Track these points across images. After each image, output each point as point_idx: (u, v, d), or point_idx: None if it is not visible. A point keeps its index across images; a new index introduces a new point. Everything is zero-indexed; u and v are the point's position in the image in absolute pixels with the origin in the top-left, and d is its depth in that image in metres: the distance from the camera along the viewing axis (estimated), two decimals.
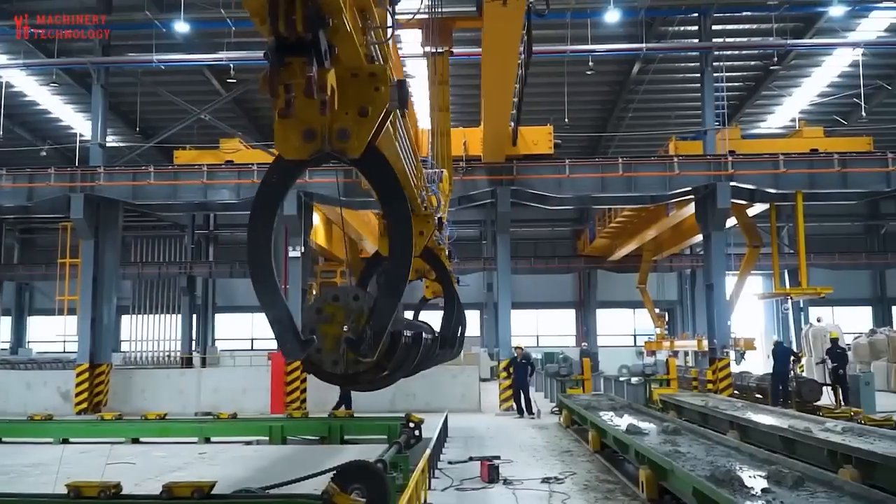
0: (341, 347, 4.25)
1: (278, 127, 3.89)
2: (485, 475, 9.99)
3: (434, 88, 15.12)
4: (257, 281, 4.10)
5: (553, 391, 22.13)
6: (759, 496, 6.24)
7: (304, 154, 3.93)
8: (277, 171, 4.14)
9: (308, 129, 3.84)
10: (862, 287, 39.42)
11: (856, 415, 12.66)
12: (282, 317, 4.11)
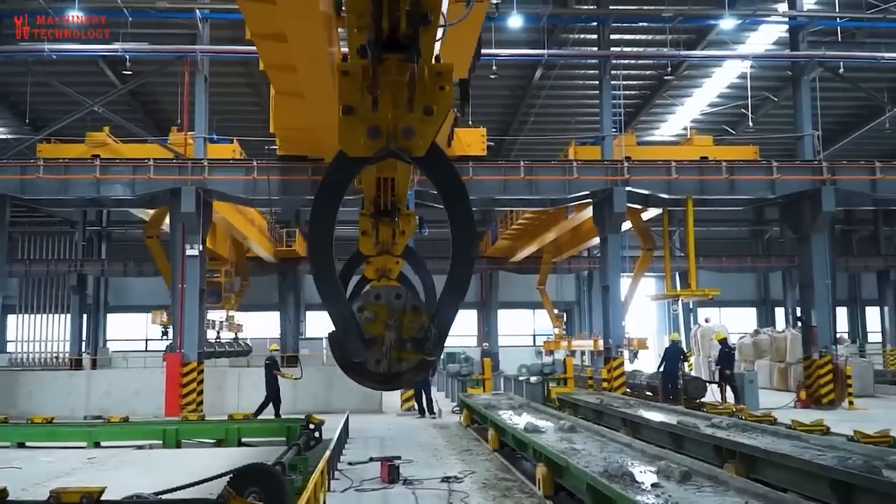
0: (385, 346, 4.20)
1: (343, 124, 3.80)
2: (385, 475, 9.99)
3: None
4: (320, 279, 4.04)
5: (454, 391, 22.31)
6: (649, 490, 6.47)
7: (369, 152, 3.85)
8: (339, 169, 4.03)
9: (373, 126, 3.76)
10: (747, 289, 41.43)
11: (738, 411, 13.29)
12: (345, 316, 4.06)
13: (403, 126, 3.80)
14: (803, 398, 20.54)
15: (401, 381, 4.39)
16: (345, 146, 3.85)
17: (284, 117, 18.09)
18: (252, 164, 20.72)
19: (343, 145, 3.85)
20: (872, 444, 9.00)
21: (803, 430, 10.38)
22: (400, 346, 4.19)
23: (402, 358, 4.24)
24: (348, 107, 3.69)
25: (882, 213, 39.16)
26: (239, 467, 7.06)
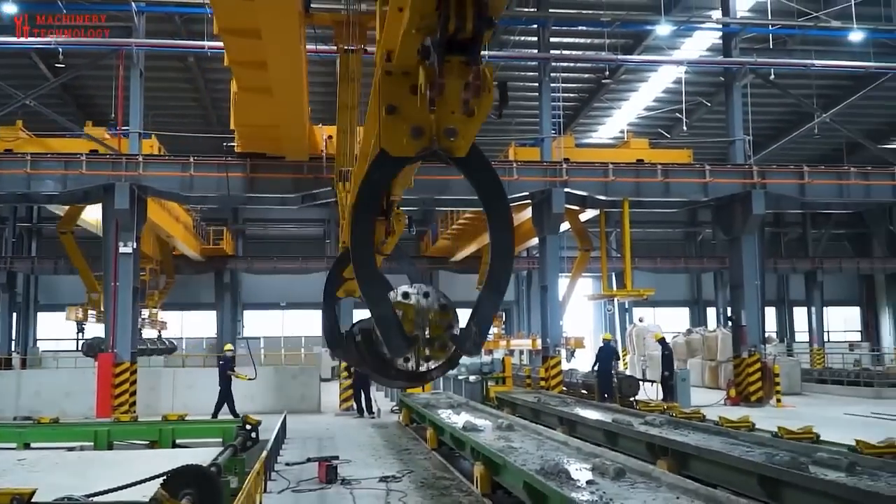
0: (415, 345, 4.18)
1: (386, 124, 3.76)
2: (322, 476, 9.94)
3: (343, 85, 14.76)
4: (362, 278, 3.98)
5: (393, 390, 22.27)
6: (584, 487, 6.56)
7: (411, 151, 3.83)
8: (381, 168, 3.97)
9: (416, 126, 3.76)
10: (680, 289, 42.39)
11: (669, 409, 13.60)
12: (388, 314, 3.99)
13: (447, 127, 3.80)
14: (733, 396, 21.11)
15: (428, 378, 4.43)
16: (387, 145, 3.83)
17: (247, 114, 17.88)
18: (189, 161, 20.33)
19: (386, 145, 3.82)
20: (796, 440, 9.30)
21: (730, 427, 10.66)
22: (428, 344, 4.20)
23: (431, 356, 4.25)
24: (392, 106, 3.71)
25: (810, 216, 40.54)
26: (173, 469, 6.93)
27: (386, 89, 3.79)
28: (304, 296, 39.35)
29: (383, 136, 3.81)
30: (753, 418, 11.09)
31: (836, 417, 17.24)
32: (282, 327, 39.89)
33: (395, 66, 3.79)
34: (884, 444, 8.43)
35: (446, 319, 4.38)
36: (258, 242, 40.23)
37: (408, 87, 3.77)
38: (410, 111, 3.75)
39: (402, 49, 3.73)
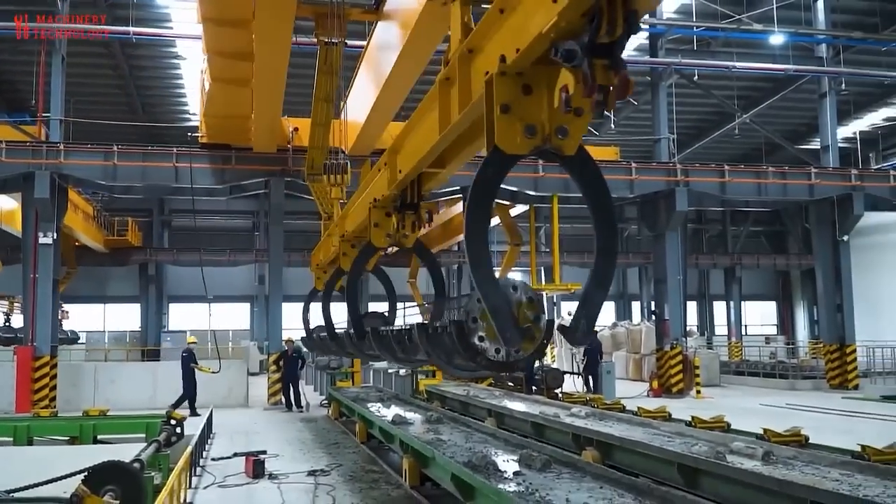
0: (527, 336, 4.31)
1: (500, 122, 3.83)
2: (250, 471, 9.84)
3: (321, 78, 14.74)
4: (477, 271, 4.02)
5: (323, 384, 22.16)
6: (511, 479, 6.67)
7: (525, 149, 3.91)
8: (494, 165, 4.00)
9: (530, 125, 3.83)
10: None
11: (591, 400, 13.93)
12: (501, 306, 4.05)
13: (558, 125, 3.90)
14: (655, 387, 21.70)
15: (516, 367, 4.59)
16: (502, 143, 3.88)
17: (219, 105, 17.70)
18: (112, 150, 19.78)
19: (500, 142, 3.87)
20: (708, 429, 9.64)
21: (647, 416, 10.98)
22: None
23: (521, 348, 4.37)
24: (506, 106, 3.78)
25: (730, 214, 41.85)
26: (94, 465, 6.78)
27: (500, 89, 3.86)
28: (232, 288, 38.75)
29: (498, 135, 3.88)
30: (675, 409, 11.45)
31: (753, 408, 17.90)
32: (209, 320, 39.16)
33: (509, 67, 3.88)
34: (789, 432, 8.85)
35: (533, 311, 4.51)
36: (185, 234, 39.35)
37: (520, 87, 3.87)
38: (523, 110, 3.86)
39: (529, 52, 3.78)
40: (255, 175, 20.99)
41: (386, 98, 16.00)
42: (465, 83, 4.66)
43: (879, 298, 35.11)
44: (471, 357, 4.51)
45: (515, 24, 3.91)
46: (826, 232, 24.85)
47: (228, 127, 19.20)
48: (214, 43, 14.39)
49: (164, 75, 29.47)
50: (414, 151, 6.13)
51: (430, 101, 5.49)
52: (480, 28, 4.45)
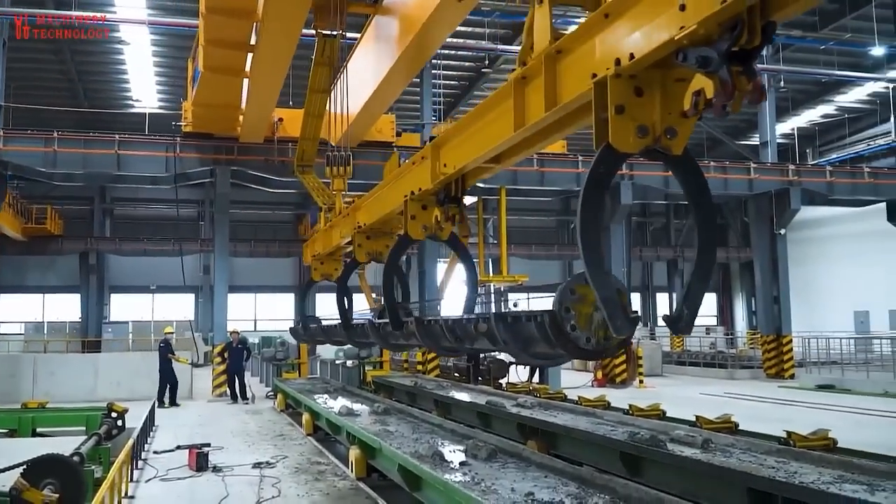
0: (593, 324, 4.58)
1: (614, 122, 4.00)
2: (193, 463, 9.73)
3: (316, 69, 14.76)
4: (591, 263, 4.20)
5: (269, 376, 21.98)
6: (458, 469, 6.73)
7: (636, 148, 4.07)
8: (606, 162, 4.17)
9: (642, 125, 4.02)
10: (553, 275, 43.63)
11: (534, 389, 14.13)
12: (613, 296, 4.23)
13: (667, 126, 4.09)
14: (600, 378, 22.05)
15: (605, 354, 4.80)
16: (616, 142, 4.04)
17: (210, 94, 17.51)
18: (53, 136, 19.26)
19: (614, 141, 4.04)
20: (645, 417, 9.93)
21: (588, 405, 11.24)
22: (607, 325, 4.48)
23: (608, 336, 4.58)
24: (620, 106, 3.98)
25: (673, 207, 42.63)
26: (33, 458, 6.64)
27: (615, 91, 4.03)
28: (177, 279, 38.08)
29: (612, 134, 4.04)
30: (618, 399, 11.66)
31: (694, 397, 18.33)
32: (152, 311, 38.45)
33: (624, 70, 4.02)
34: (720, 419, 9.17)
35: (622, 301, 4.64)
36: (127, 223, 38.50)
37: (633, 89, 4.04)
38: (635, 111, 4.03)
39: (649, 56, 3.92)
40: (203, 163, 20.69)
41: (382, 92, 16.10)
42: (550, 83, 4.78)
43: (815, 291, 36.23)
44: (563, 345, 4.70)
45: (629, 29, 4.06)
46: (764, 226, 25.52)
47: (215, 116, 19.13)
48: (213, 32, 14.35)
49: (107, 60, 28.76)
50: (471, 148, 6.23)
51: (498, 99, 5.63)
52: (578, 31, 4.56)
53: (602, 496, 5.58)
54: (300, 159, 18.26)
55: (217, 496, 8.28)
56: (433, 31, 12.67)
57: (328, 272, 13.82)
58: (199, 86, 17.01)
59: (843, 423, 13.47)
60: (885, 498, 5.49)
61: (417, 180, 7.51)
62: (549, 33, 4.89)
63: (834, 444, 7.65)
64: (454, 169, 6.64)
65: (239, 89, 17.14)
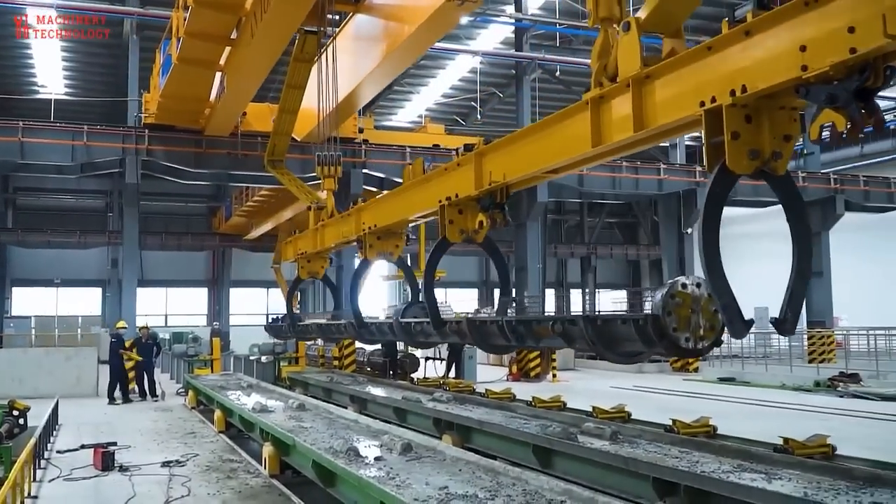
0: (691, 326, 5.06)
1: (731, 147, 4.44)
2: (98, 463, 9.44)
3: (296, 66, 14.82)
4: (712, 273, 4.65)
5: (180, 372, 21.47)
6: (372, 464, 6.75)
7: (749, 170, 4.54)
8: (721, 184, 4.64)
9: (753, 149, 4.47)
10: (471, 271, 44.11)
11: (444, 383, 14.29)
12: (731, 302, 4.63)
13: (773, 150, 4.54)
14: (514, 372, 22.38)
15: (701, 353, 5.27)
16: (732, 165, 4.50)
17: (181, 86, 17.25)
18: None
19: (731, 165, 4.50)
20: (547, 408, 10.24)
21: (494, 398, 11.51)
22: (701, 325, 5.11)
23: (703, 335, 5.12)
24: (736, 133, 4.43)
25: (587, 206, 43.53)
26: None
27: (730, 119, 4.46)
28: (83, 272, 36.80)
29: (729, 158, 4.49)
30: (532, 392, 11.84)
31: (604, 390, 18.82)
32: (56, 305, 36.99)
33: (739, 100, 4.41)
34: (614, 409, 9.60)
35: (713, 304, 5.11)
36: (31, 213, 36.88)
37: (743, 117, 4.47)
38: (747, 137, 4.48)
39: (768, 89, 4.32)
40: (111, 153, 20.05)
41: (361, 90, 16.22)
42: (638, 105, 5.17)
43: None
44: (665, 346, 5.17)
45: (739, 62, 4.47)
46: (672, 225, 26.38)
47: (182, 109, 18.86)
48: (197, 25, 14.22)
49: (11, 44, 27.46)
50: (531, 159, 6.68)
51: (564, 116, 6.16)
52: (675, 61, 4.97)
53: (514, 488, 5.69)
54: (271, 154, 18.33)
55: (124, 496, 8.06)
56: (429, 33, 12.94)
57: (315, 270, 14.07)
58: (169, 77, 16.83)
59: (737, 413, 14.10)
60: (780, 486, 5.78)
61: (454, 186, 7.96)
62: (638, 59, 5.20)
63: (714, 431, 8.12)
64: (504, 178, 7.04)
65: (210, 82, 17.06)
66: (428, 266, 8.79)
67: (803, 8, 4.03)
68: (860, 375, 18.80)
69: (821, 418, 13.71)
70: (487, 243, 8.34)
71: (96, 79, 30.68)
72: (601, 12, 5.76)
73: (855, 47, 3.74)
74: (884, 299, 27.47)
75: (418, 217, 9.54)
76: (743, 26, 4.44)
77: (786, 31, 4.16)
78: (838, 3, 3.86)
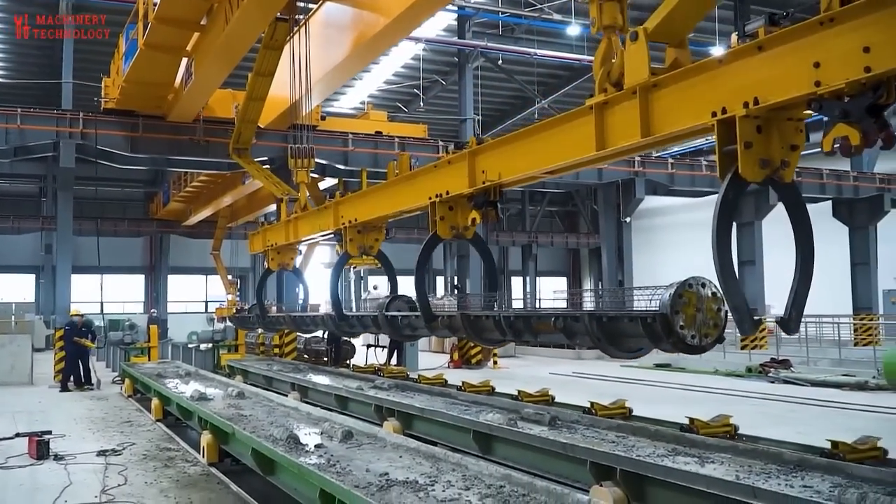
0: (697, 324, 5.34)
1: (743, 155, 4.67)
2: (33, 451, 9.25)
3: (265, 53, 14.66)
4: (724, 274, 4.92)
5: (116, 360, 21.05)
6: (312, 451, 6.76)
7: (760, 178, 4.77)
8: (733, 190, 4.86)
9: (763, 158, 4.72)
10: (411, 259, 43.95)
11: (379, 369, 14.42)
12: (741, 303, 4.95)
13: (782, 158, 4.80)
14: (456, 359, 22.54)
15: (703, 349, 5.50)
16: (744, 173, 4.73)
17: (146, 71, 16.88)
18: None
19: (743, 172, 4.73)
20: (475, 393, 10.58)
21: (426, 383, 11.83)
22: (705, 323, 5.39)
23: (707, 332, 5.40)
24: (748, 143, 4.67)
25: (528, 194, 43.94)
26: None
27: (743, 129, 4.68)
28: (15, 258, 35.70)
29: (742, 166, 4.72)
30: (472, 379, 11.95)
31: (544, 376, 19.05)
32: None
33: (752, 111, 4.64)
34: (539, 393, 10.03)
35: (717, 303, 5.42)
36: None
37: (755, 127, 4.71)
38: (759, 146, 4.73)
39: (782, 102, 4.54)
40: (45, 136, 19.49)
41: (330, 79, 16.09)
42: (645, 112, 5.43)
43: (656, 275, 38.37)
44: (672, 343, 5.43)
45: (752, 75, 4.70)
46: (611, 213, 26.84)
47: (145, 94, 18.43)
48: (168, 10, 13.92)
49: None
50: (529, 160, 6.89)
51: (565, 121, 6.43)
52: (684, 72, 5.20)
53: (454, 474, 5.77)
54: (236, 142, 18.14)
55: (59, 485, 7.92)
56: (405, 23, 13.02)
57: (285, 261, 14.19)
58: (134, 62, 16.44)
59: (671, 398, 14.49)
60: (713, 469, 5.98)
61: (445, 184, 8.09)
62: (646, 68, 5.42)
63: (630, 413, 8.64)
64: (499, 177, 7.23)
65: (177, 68, 16.78)
66: (419, 262, 9.07)
67: (818, 27, 4.26)
68: (790, 361, 19.45)
69: (750, 403, 14.19)
70: (476, 239, 8.59)
71: (31, 61, 29.70)
72: (605, 20, 6.01)
73: (870, 66, 3.96)
74: (814, 288, 28.44)
75: (402, 213, 9.73)
76: (755, 42, 4.66)
77: (800, 47, 4.38)
78: (853, 24, 4.08)
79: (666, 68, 5.41)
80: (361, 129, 23.56)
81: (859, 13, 4.03)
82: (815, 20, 4.26)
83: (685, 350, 5.50)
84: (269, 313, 15.46)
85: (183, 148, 20.41)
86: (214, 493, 7.62)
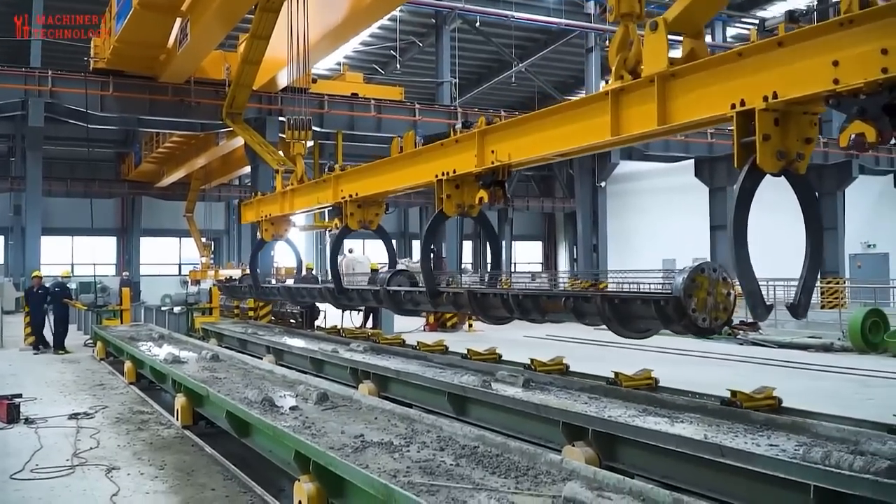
0: (708, 307, 5.54)
1: (762, 147, 4.86)
2: (3, 415, 9.17)
3: (262, 15, 14.62)
4: (740, 260, 5.13)
5: (88, 323, 20.88)
6: (287, 413, 6.77)
7: (776, 169, 4.97)
8: (751, 179, 5.06)
9: (780, 150, 4.92)
10: (390, 223, 44.04)
11: (343, 331, 14.59)
12: (755, 288, 5.16)
13: (797, 151, 4.98)
14: (431, 323, 22.59)
15: (713, 331, 5.75)
16: (762, 164, 4.92)
17: (139, 31, 16.72)
18: None
19: (761, 163, 4.92)
20: (430, 352, 10.91)
21: (385, 343, 12.10)
22: (715, 306, 5.60)
23: (717, 315, 5.61)
24: (767, 135, 4.85)
25: None
26: None
27: (762, 122, 4.84)
28: None
29: (759, 157, 4.90)
30: (448, 342, 12.00)
31: (518, 339, 19.14)
32: None
33: (772, 105, 4.76)
34: (487, 351, 10.38)
35: (727, 288, 5.65)
36: None
37: (773, 120, 4.86)
38: (776, 138, 4.90)
39: (800, 97, 4.69)
40: (13, 94, 19.10)
41: (327, 40, 15.96)
42: (662, 101, 5.54)
43: (630, 239, 38.72)
44: (685, 325, 5.62)
45: (771, 69, 4.84)
46: (587, 178, 26.91)
47: (138, 55, 18.22)
48: None
49: None
50: (541, 143, 6.97)
51: (579, 105, 6.54)
52: (704, 63, 5.31)
53: (429, 435, 5.81)
54: (230, 106, 17.93)
55: (30, 448, 7.87)
56: None
57: (279, 232, 14.35)
58: (127, 22, 16.20)
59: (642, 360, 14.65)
60: (682, 429, 6.08)
61: (453, 163, 8.24)
62: (665, 57, 5.54)
63: (567, 369, 9.04)
64: (509, 158, 7.33)
65: (170, 28, 16.62)
66: (424, 239, 9.25)
67: (837, 27, 4.35)
68: (759, 324, 19.74)
69: (718, 364, 14.41)
70: (481, 217, 8.84)
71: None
72: (623, 8, 6.06)
73: (887, 68, 4.06)
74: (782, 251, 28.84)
75: (407, 189, 9.93)
76: (776, 38, 4.76)
77: (819, 45, 4.51)
78: (871, 26, 4.17)
79: (683, 58, 5.52)
80: (337, 91, 23.31)
81: (878, 16, 4.13)
82: (835, 20, 4.37)
83: (695, 332, 5.73)
84: (263, 285, 15.44)
85: (158, 108, 20.13)
86: (189, 456, 7.62)
